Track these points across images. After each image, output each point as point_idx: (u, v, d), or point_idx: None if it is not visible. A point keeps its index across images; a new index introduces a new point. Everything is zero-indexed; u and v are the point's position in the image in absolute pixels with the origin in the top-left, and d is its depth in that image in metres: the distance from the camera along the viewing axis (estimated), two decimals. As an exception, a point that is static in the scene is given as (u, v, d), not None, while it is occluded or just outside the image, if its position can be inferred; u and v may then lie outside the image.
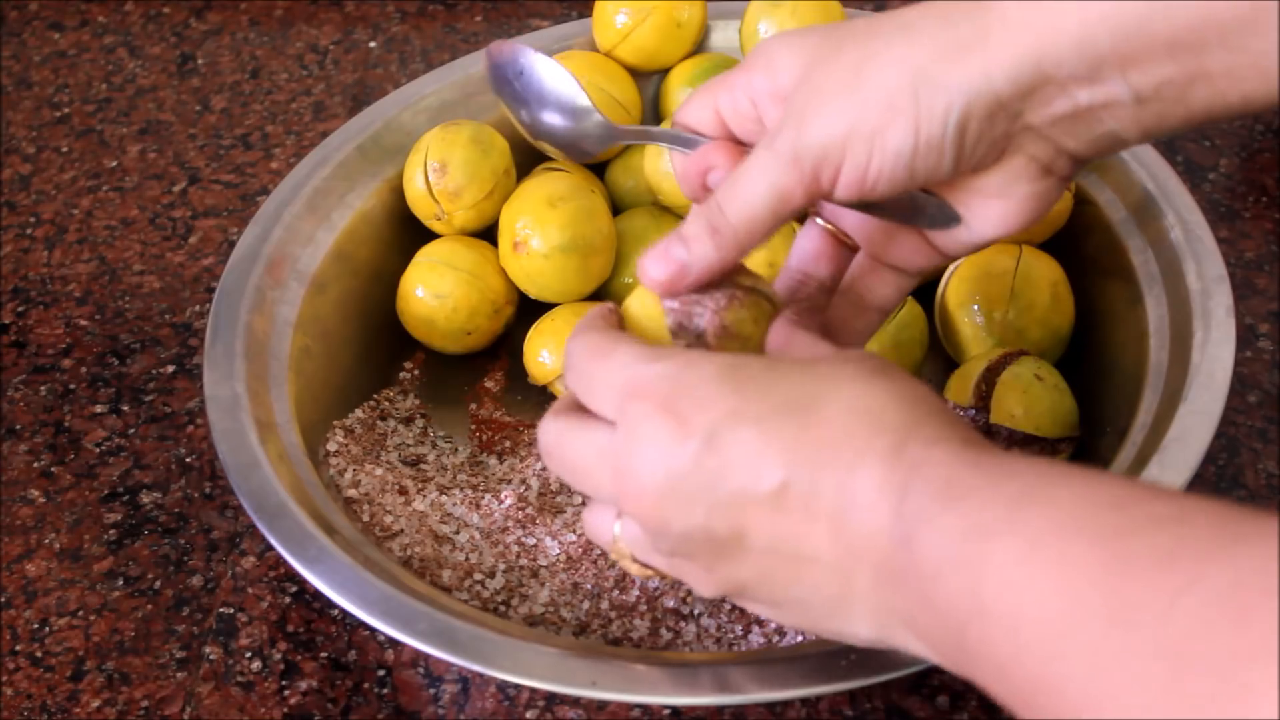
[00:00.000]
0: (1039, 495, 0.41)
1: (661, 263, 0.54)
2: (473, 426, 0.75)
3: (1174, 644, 0.35)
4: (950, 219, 0.56)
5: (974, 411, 0.67)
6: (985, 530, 0.41)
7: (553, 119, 0.66)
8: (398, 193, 0.79)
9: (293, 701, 0.64)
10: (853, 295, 0.60)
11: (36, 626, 0.68)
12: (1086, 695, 0.37)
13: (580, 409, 0.52)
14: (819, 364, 0.49)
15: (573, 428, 0.52)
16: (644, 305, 0.55)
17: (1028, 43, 0.50)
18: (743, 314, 0.54)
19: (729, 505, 0.47)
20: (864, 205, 0.55)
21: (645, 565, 0.52)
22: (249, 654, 0.66)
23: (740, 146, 0.56)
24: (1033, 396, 0.67)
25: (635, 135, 0.65)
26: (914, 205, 0.56)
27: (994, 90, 0.50)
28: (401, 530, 0.67)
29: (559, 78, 0.66)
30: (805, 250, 0.60)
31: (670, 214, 0.79)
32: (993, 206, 0.55)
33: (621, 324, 0.55)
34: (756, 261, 0.72)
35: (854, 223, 0.59)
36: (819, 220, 0.60)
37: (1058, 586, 0.38)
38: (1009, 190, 0.54)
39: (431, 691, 0.64)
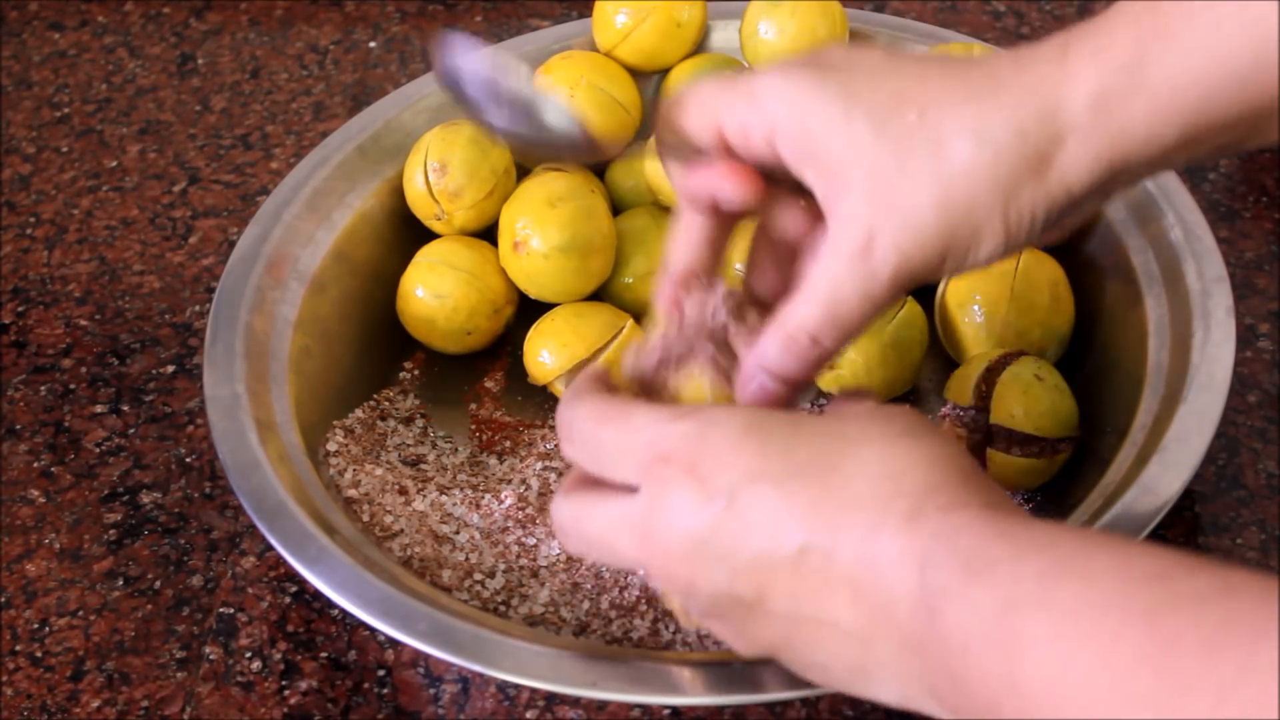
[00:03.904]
0: (1074, 566, 0.40)
1: (756, 397, 0.53)
2: (473, 426, 0.75)
3: None
4: None
5: (974, 412, 0.67)
6: (1016, 604, 0.40)
7: (527, 126, 0.59)
8: (398, 193, 0.79)
9: (293, 701, 0.64)
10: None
11: (36, 626, 0.68)
12: None
13: (591, 482, 0.51)
14: (846, 422, 0.48)
15: (589, 502, 0.51)
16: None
17: (1102, 147, 0.49)
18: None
19: (750, 568, 0.46)
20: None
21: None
22: (249, 654, 0.66)
23: (752, 172, 0.54)
24: (1033, 397, 0.67)
25: (638, 150, 0.60)
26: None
27: (1071, 194, 0.50)
28: (401, 530, 0.67)
29: (521, 84, 0.58)
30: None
31: (670, 214, 0.78)
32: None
33: (614, 386, 0.54)
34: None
35: None
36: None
37: (1100, 666, 0.37)
38: (1043, 238, 0.54)
39: (431, 691, 0.64)
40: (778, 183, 0.54)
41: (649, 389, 0.55)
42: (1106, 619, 0.38)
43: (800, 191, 0.54)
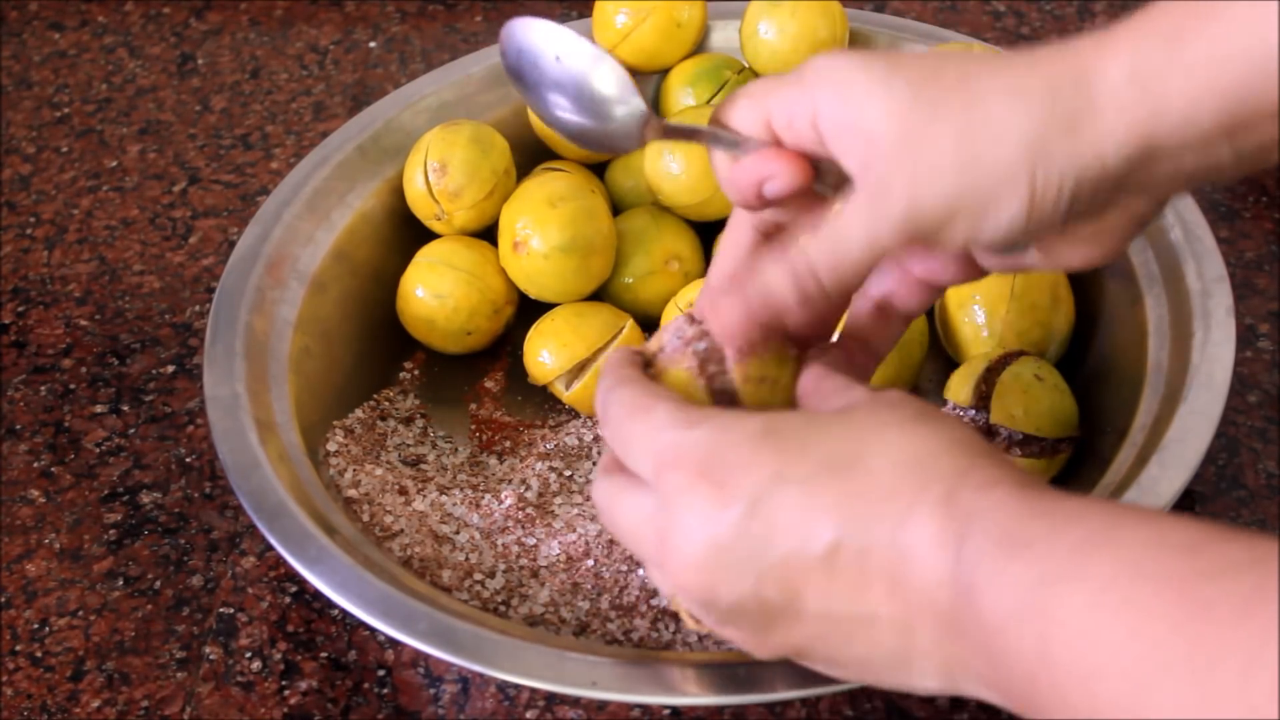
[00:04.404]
0: (1106, 540, 0.40)
1: (739, 313, 0.52)
2: (473, 426, 0.75)
3: (1262, 697, 0.34)
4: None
5: (974, 411, 0.67)
6: (1050, 578, 0.40)
7: (581, 112, 0.59)
8: (398, 193, 0.79)
9: (293, 701, 0.64)
10: (882, 305, 0.58)
11: (36, 626, 0.68)
12: None
13: (623, 466, 0.51)
14: (855, 413, 0.48)
15: (620, 490, 0.51)
16: (672, 359, 0.54)
17: (1137, 119, 0.48)
18: (767, 360, 0.54)
19: (779, 571, 0.46)
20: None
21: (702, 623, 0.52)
22: (249, 654, 0.66)
23: (800, 155, 0.54)
24: (1032, 396, 0.67)
25: (679, 133, 0.60)
26: None
27: (1105, 166, 0.49)
28: (401, 530, 0.67)
29: (595, 61, 0.59)
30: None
31: (670, 214, 0.79)
32: (1078, 249, 0.54)
33: (647, 364, 0.54)
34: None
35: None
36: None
37: (1133, 633, 0.37)
38: (1098, 238, 0.53)
39: (431, 691, 0.64)
40: (820, 178, 0.54)
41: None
42: (1139, 589, 0.38)
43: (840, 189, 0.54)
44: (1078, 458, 0.69)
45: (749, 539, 0.46)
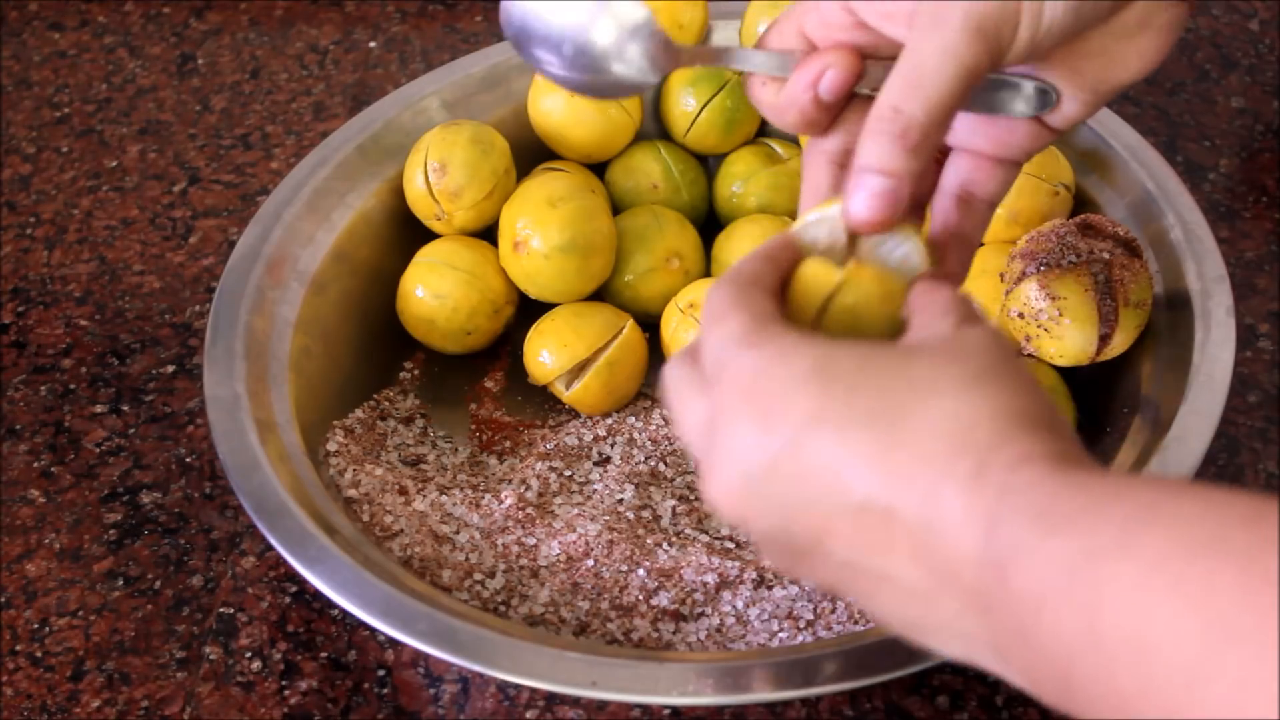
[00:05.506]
0: (1155, 514, 0.39)
1: (866, 202, 0.50)
2: (473, 426, 0.75)
3: None
4: (1048, 101, 0.54)
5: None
6: (1096, 555, 0.38)
7: (593, 59, 0.57)
8: (398, 193, 0.79)
9: (293, 701, 0.64)
10: (963, 196, 0.57)
11: (36, 626, 0.68)
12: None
13: (699, 360, 0.50)
14: (919, 358, 0.46)
15: (686, 384, 0.49)
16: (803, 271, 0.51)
17: None
18: (871, 291, 0.50)
19: (807, 513, 0.45)
20: (970, 104, 0.53)
21: None
22: (249, 654, 0.66)
23: (854, 49, 0.53)
24: (1032, 396, 0.67)
25: (709, 57, 0.57)
26: (1016, 92, 0.54)
27: None
28: (401, 530, 0.67)
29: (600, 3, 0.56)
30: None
31: (671, 212, 0.79)
32: (1133, 45, 0.53)
33: (795, 261, 0.51)
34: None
35: (959, 126, 0.56)
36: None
37: (1194, 606, 0.36)
38: (1150, 19, 0.52)
39: (431, 691, 0.64)
40: (864, 79, 0.53)
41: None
42: (1198, 562, 0.36)
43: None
44: (1078, 458, 0.69)
45: (781, 478, 0.45)
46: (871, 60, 0.53)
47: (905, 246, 0.51)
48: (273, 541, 0.62)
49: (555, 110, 0.80)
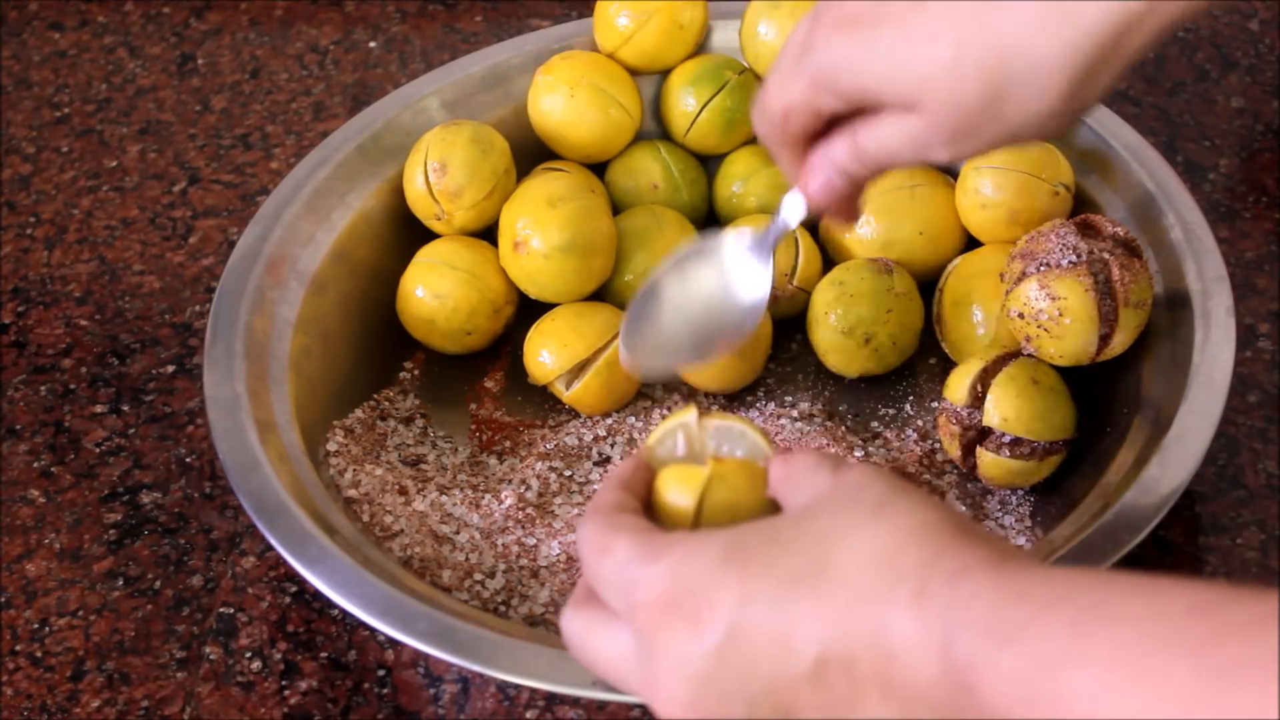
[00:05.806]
0: (1103, 614, 0.39)
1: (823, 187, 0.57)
2: (473, 426, 0.75)
3: None
4: None
5: (968, 411, 0.67)
6: (1052, 665, 0.39)
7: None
8: (398, 193, 0.79)
9: (293, 701, 0.64)
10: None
11: (36, 626, 0.68)
12: None
13: (599, 600, 0.50)
14: (818, 514, 0.47)
15: (594, 624, 0.50)
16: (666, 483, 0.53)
17: None
18: (739, 482, 0.52)
19: (769, 694, 0.45)
20: None
21: None
22: (249, 654, 0.66)
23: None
24: (1026, 399, 0.67)
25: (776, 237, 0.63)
26: None
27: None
28: (401, 530, 0.67)
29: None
30: None
31: (671, 212, 0.79)
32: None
33: (649, 481, 0.53)
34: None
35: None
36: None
37: (1156, 705, 0.37)
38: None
39: (431, 691, 0.64)
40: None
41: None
42: (1152, 661, 0.37)
43: None
44: (1077, 458, 0.69)
45: (732, 669, 0.45)
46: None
47: (746, 439, 0.53)
48: (273, 541, 0.62)
49: (555, 110, 0.80)
